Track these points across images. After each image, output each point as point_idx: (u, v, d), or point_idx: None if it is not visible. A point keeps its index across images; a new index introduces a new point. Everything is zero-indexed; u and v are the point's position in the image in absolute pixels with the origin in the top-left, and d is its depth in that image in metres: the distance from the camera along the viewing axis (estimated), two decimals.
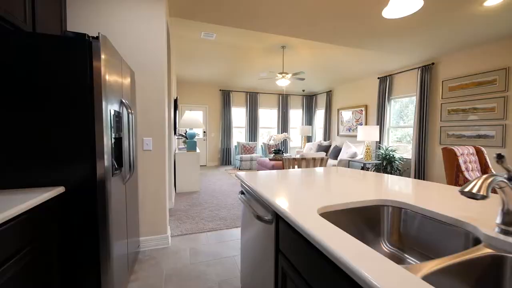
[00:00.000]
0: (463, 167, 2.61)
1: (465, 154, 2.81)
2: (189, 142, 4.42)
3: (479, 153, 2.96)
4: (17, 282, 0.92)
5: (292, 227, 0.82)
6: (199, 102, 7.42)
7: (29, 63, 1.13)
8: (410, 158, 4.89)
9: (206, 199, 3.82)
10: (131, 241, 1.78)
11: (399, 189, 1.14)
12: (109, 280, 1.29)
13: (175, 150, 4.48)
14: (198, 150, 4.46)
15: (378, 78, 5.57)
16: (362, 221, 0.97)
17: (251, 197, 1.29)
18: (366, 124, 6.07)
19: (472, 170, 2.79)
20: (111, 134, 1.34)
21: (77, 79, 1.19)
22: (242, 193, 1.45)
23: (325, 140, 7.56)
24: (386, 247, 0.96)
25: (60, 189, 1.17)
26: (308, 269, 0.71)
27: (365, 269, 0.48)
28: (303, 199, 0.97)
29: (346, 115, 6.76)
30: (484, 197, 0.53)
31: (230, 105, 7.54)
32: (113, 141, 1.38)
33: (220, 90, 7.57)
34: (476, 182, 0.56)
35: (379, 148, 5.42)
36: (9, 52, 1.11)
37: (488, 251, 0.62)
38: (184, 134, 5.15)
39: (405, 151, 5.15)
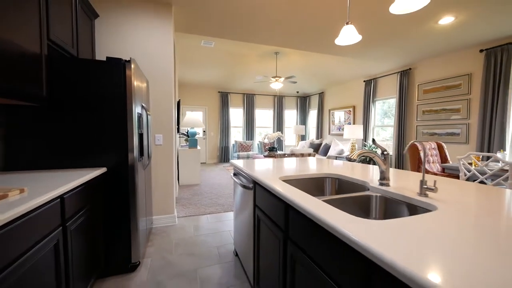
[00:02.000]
0: (423, 159, 3.09)
1: (427, 149, 3.29)
2: (191, 139, 4.89)
3: (440, 148, 3.44)
4: (84, 226, 1.40)
5: (263, 187, 1.30)
6: (199, 103, 7.89)
7: (87, 80, 1.60)
8: (391, 154, 5.38)
9: (206, 190, 4.29)
10: (148, 216, 2.25)
11: (338, 168, 1.62)
12: (137, 235, 1.77)
13: (178, 147, 4.95)
14: (198, 147, 4.93)
15: (364, 81, 6.06)
16: (314, 187, 1.44)
17: (240, 175, 1.77)
18: (354, 124, 6.55)
19: (433, 162, 3.28)
20: (137, 130, 1.81)
21: (117, 90, 1.66)
22: (234, 174, 1.92)
23: (317, 138, 8.04)
24: None
25: (104, 169, 1.64)
26: (270, 209, 1.19)
27: (295, 199, 0.96)
28: (272, 172, 1.45)
29: (338, 115, 7.25)
30: (354, 160, 1.01)
31: (228, 106, 8.01)
32: (138, 136, 1.85)
33: (218, 92, 8.04)
34: (353, 153, 1.03)
35: (364, 146, 5.91)
36: (75, 72, 1.58)
37: (367, 193, 1.10)
38: (185, 133, 5.62)
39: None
